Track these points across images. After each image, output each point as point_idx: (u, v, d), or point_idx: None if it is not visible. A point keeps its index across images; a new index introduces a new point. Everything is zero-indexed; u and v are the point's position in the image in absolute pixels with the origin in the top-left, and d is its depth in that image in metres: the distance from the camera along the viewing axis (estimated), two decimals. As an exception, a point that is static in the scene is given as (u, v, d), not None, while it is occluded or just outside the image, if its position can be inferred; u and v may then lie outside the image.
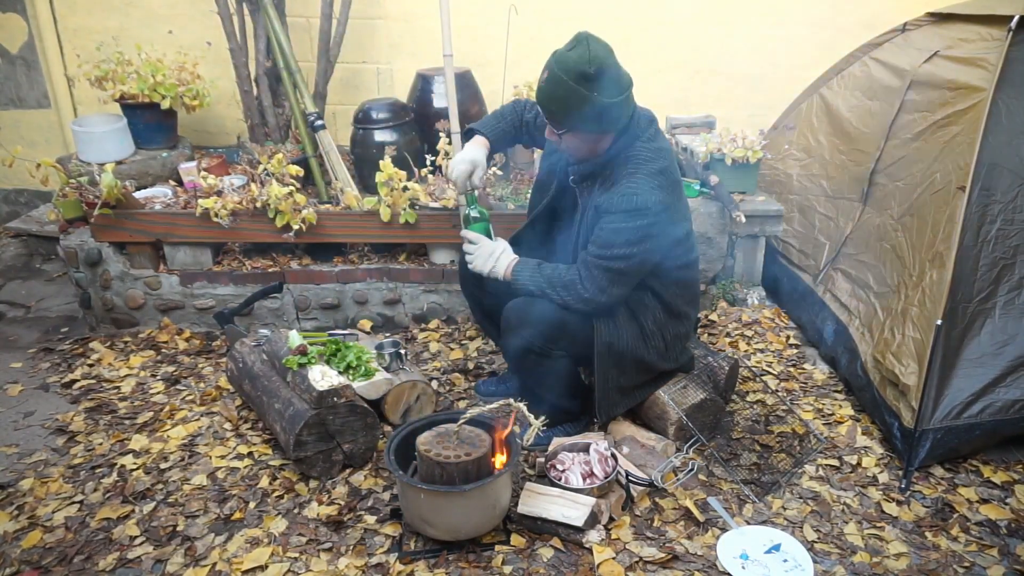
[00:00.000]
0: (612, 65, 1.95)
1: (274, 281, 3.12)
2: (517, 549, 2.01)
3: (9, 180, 4.32)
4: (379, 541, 2.04)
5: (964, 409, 2.22)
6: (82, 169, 3.21)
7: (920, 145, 2.72)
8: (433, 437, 2.04)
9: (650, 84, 4.10)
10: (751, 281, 3.44)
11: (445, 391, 2.79)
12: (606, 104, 1.96)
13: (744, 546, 2.00)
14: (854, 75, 3.39)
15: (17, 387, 2.84)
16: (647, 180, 2.06)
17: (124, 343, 3.14)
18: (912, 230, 2.58)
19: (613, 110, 1.99)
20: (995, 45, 2.56)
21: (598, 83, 1.92)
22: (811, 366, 2.92)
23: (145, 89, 3.44)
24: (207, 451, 2.44)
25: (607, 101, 1.96)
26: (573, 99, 1.95)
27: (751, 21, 4.04)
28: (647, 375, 2.37)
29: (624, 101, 2.01)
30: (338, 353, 2.55)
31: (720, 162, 3.29)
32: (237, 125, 4.03)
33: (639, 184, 2.06)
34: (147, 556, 2.00)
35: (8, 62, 4.08)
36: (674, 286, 2.29)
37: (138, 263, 3.17)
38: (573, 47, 1.94)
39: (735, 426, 2.50)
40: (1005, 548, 2.02)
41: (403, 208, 3.06)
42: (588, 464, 2.18)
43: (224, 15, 3.46)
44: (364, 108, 3.43)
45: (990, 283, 2.30)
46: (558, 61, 1.95)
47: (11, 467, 2.38)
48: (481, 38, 3.87)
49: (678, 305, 2.32)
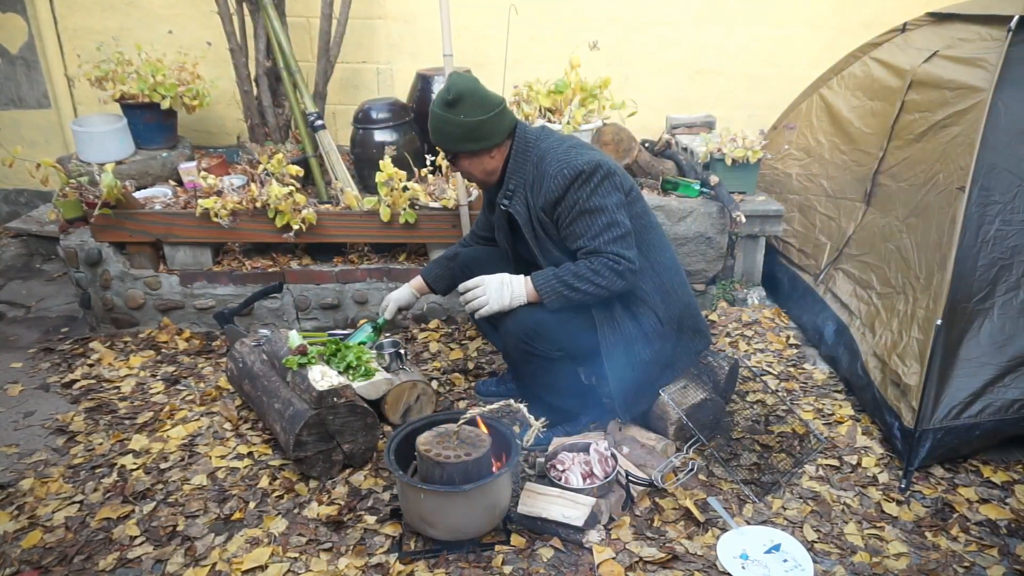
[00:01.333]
0: (472, 90, 2.15)
1: (274, 281, 3.12)
2: (517, 549, 2.01)
3: (9, 180, 4.32)
4: (379, 541, 2.04)
5: (964, 409, 2.22)
6: (82, 169, 3.21)
7: (923, 146, 2.72)
8: (433, 437, 2.04)
9: (650, 84, 4.13)
10: (751, 281, 3.44)
11: (445, 391, 2.80)
12: (474, 123, 2.15)
13: (744, 546, 2.00)
14: (854, 75, 3.39)
15: (17, 387, 2.84)
16: (564, 153, 2.17)
17: (124, 343, 3.14)
18: (917, 231, 2.57)
19: (484, 127, 2.16)
20: (995, 45, 2.56)
21: (461, 106, 2.13)
22: (811, 366, 2.92)
23: (145, 89, 3.44)
24: (207, 451, 2.44)
25: (474, 120, 2.14)
26: (444, 126, 2.17)
27: (751, 21, 4.04)
28: (659, 366, 2.35)
29: (495, 117, 2.18)
30: (338, 353, 2.55)
31: (720, 162, 3.29)
32: (237, 125, 4.03)
33: (558, 160, 2.16)
34: (147, 556, 2.00)
35: (8, 62, 4.09)
36: (653, 258, 2.30)
37: (138, 263, 3.17)
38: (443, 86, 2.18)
39: (735, 426, 2.50)
40: (1005, 548, 2.02)
41: (403, 208, 3.06)
42: (588, 464, 2.18)
43: (224, 15, 3.46)
44: (364, 108, 3.43)
45: (988, 283, 2.30)
46: (432, 101, 2.21)
47: (11, 467, 2.38)
48: (481, 38, 3.88)
49: (665, 283, 2.31)
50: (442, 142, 2.23)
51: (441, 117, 2.17)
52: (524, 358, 2.27)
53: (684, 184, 3.27)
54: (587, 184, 2.12)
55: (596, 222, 2.13)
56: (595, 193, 2.13)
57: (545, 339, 2.22)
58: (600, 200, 2.13)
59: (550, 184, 2.15)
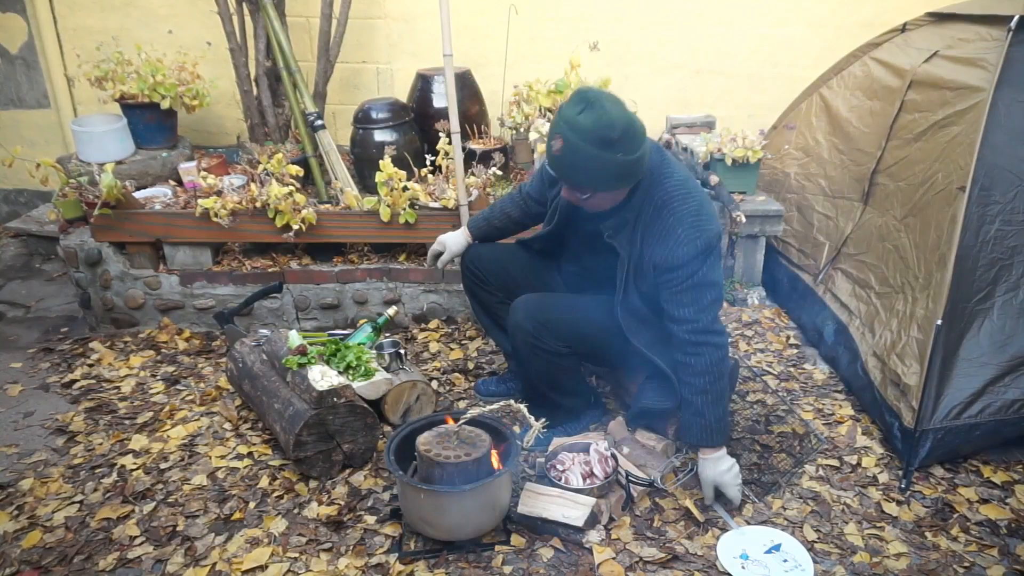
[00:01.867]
0: (629, 120, 1.86)
1: (274, 281, 3.12)
2: (517, 549, 2.01)
3: (9, 180, 4.32)
4: (379, 541, 2.04)
5: (964, 409, 2.22)
6: (82, 169, 3.21)
7: (921, 145, 2.72)
8: (433, 437, 2.04)
9: (650, 84, 4.12)
10: (751, 281, 3.44)
11: (445, 391, 2.79)
12: (632, 160, 1.90)
13: (744, 546, 2.00)
14: (854, 75, 3.39)
15: (17, 387, 2.84)
16: (694, 217, 2.00)
17: (124, 343, 3.14)
18: (916, 231, 2.57)
19: (639, 164, 1.94)
20: (995, 45, 2.56)
21: (621, 144, 1.85)
22: (811, 366, 2.92)
23: (145, 89, 3.44)
24: (207, 451, 2.44)
25: (632, 158, 1.89)
26: (597, 165, 1.87)
27: (751, 21, 4.04)
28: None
29: (646, 152, 1.94)
30: (338, 353, 2.55)
31: (720, 162, 3.29)
32: (237, 125, 4.03)
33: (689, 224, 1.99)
34: (147, 556, 2.00)
35: (8, 62, 4.08)
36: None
37: (138, 263, 3.17)
38: (583, 109, 1.84)
39: (735, 426, 2.50)
40: (1005, 548, 2.02)
41: (403, 208, 3.06)
42: (588, 464, 2.18)
43: (224, 15, 3.46)
44: (364, 108, 3.43)
45: (988, 283, 2.30)
46: (572, 128, 1.85)
47: (11, 467, 2.38)
48: (481, 38, 3.88)
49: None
50: (587, 182, 1.94)
51: (594, 156, 1.85)
52: (531, 352, 2.25)
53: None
54: (709, 257, 2.01)
55: (706, 296, 2.03)
56: (714, 267, 2.03)
57: (554, 334, 2.21)
58: (715, 275, 2.04)
59: (676, 250, 1.99)
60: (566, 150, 1.88)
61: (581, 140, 1.84)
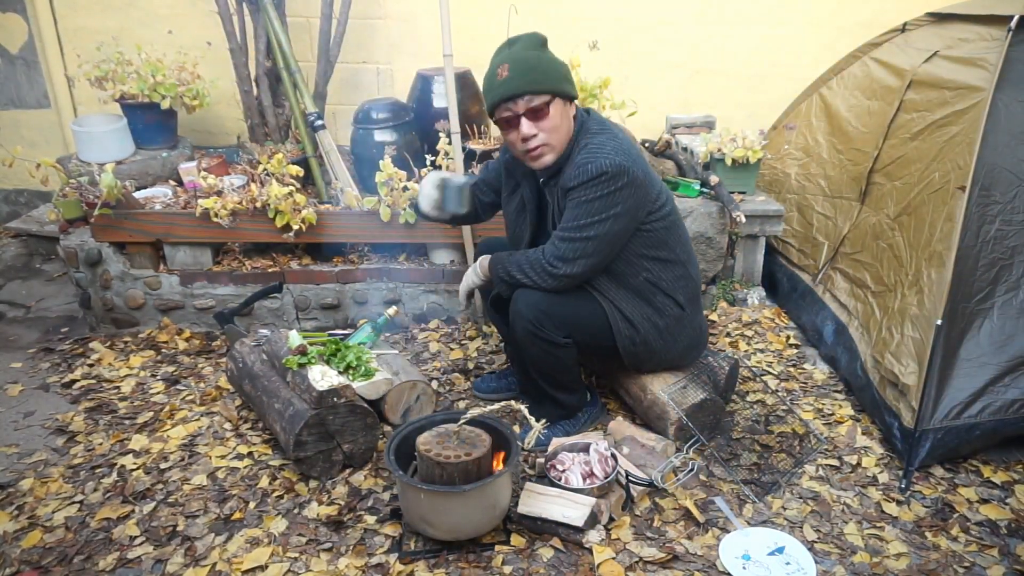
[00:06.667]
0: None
1: (274, 281, 3.12)
2: (517, 549, 2.01)
3: (9, 180, 4.32)
4: (379, 541, 2.04)
5: (964, 409, 2.22)
6: (82, 169, 3.22)
7: (918, 144, 2.72)
8: (433, 437, 2.04)
9: (650, 84, 4.12)
10: (751, 281, 3.44)
11: (445, 391, 2.80)
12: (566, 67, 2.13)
13: (747, 547, 2.00)
14: (854, 75, 3.39)
15: (17, 387, 2.84)
16: (599, 147, 2.10)
17: (124, 343, 3.14)
18: (909, 229, 2.58)
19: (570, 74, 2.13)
20: (995, 45, 2.56)
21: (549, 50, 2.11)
22: (811, 366, 2.92)
23: (145, 89, 3.44)
24: (207, 451, 2.44)
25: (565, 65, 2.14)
26: (545, 63, 2.08)
27: (751, 21, 4.04)
28: (669, 357, 2.40)
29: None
30: (338, 353, 2.55)
31: (720, 162, 3.29)
32: (237, 125, 4.03)
33: (592, 152, 2.09)
34: (147, 556, 2.00)
35: (8, 62, 4.09)
36: (657, 251, 2.27)
37: (138, 263, 3.17)
38: (514, 41, 2.11)
39: (735, 426, 2.50)
40: (1005, 548, 2.02)
41: (403, 208, 3.06)
42: (588, 464, 2.18)
43: (224, 15, 3.46)
44: (364, 108, 3.43)
45: (988, 283, 2.30)
46: (510, 48, 2.10)
47: (11, 467, 2.38)
48: (481, 38, 3.86)
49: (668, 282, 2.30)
50: (541, 80, 2.05)
51: (538, 56, 2.07)
52: (530, 340, 2.24)
53: (684, 184, 3.27)
54: (602, 186, 2.06)
55: (579, 219, 2.09)
56: (602, 197, 2.07)
57: (554, 323, 2.21)
58: (600, 204, 2.07)
59: (572, 172, 2.10)
60: (514, 65, 2.05)
61: (522, 50, 2.07)
